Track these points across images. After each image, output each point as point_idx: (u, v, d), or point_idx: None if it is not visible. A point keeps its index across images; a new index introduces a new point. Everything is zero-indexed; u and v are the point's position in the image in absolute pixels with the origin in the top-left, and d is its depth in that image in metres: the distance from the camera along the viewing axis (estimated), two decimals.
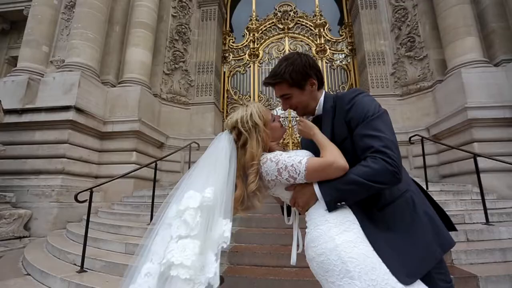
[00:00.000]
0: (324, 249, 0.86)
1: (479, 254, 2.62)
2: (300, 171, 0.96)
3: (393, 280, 0.80)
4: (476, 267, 2.48)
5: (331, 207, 0.93)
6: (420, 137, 5.27)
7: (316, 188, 0.96)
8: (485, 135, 5.38)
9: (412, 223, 0.94)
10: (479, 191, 3.71)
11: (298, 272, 2.38)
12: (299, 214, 1.13)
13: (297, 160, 0.98)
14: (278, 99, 7.93)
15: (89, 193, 3.18)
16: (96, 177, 6.10)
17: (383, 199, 0.97)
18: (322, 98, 1.14)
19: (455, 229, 1.07)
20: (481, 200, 3.53)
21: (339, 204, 0.94)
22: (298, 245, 1.11)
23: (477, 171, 3.80)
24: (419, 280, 0.85)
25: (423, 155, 5.23)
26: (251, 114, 1.07)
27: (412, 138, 5.64)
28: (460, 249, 2.64)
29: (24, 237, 4.84)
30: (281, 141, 1.26)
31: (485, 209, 3.40)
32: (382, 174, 0.90)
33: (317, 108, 1.15)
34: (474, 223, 3.42)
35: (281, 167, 0.98)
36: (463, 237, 2.99)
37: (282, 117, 8.65)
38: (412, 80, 7.39)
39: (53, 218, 5.05)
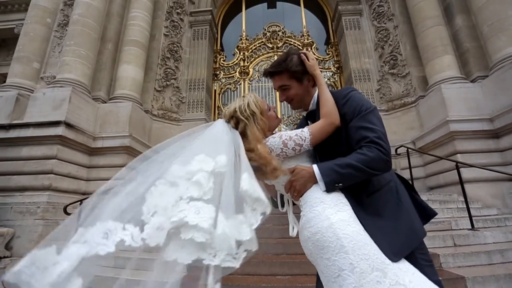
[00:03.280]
0: (320, 228, 0.92)
1: (466, 257, 2.70)
2: (305, 137, 1.05)
3: (382, 255, 0.88)
4: (464, 269, 2.55)
5: (329, 188, 1.00)
6: (406, 148, 5.45)
7: (316, 170, 1.02)
8: (467, 147, 5.62)
9: (396, 209, 1.02)
10: (464, 199, 3.84)
11: (290, 279, 2.39)
12: (293, 203, 1.18)
13: (298, 130, 1.07)
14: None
15: (77, 206, 3.12)
16: (84, 193, 5.95)
17: (371, 187, 1.06)
18: (316, 94, 1.23)
19: (435, 213, 1.17)
20: (466, 208, 3.65)
21: (336, 185, 1.01)
22: (293, 227, 1.15)
23: (460, 180, 3.95)
24: (403, 258, 0.91)
25: (409, 165, 5.39)
26: (248, 103, 1.13)
27: (398, 150, 5.83)
28: (448, 253, 2.72)
29: (5, 257, 4.61)
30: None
31: (470, 216, 3.52)
32: (377, 162, 1.00)
33: (311, 103, 1.23)
34: (460, 229, 3.53)
35: (286, 139, 1.06)
36: (450, 242, 3.07)
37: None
38: (397, 96, 7.73)
39: (37, 236, 4.84)
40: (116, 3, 7.72)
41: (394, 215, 1.00)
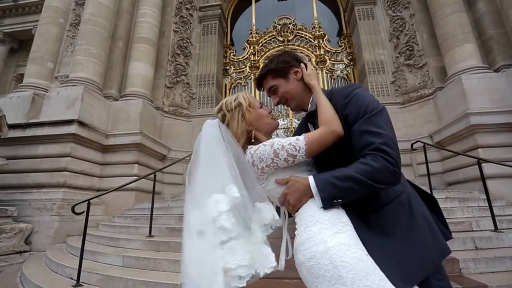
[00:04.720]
0: (314, 253, 0.80)
1: (489, 263, 2.51)
2: (300, 147, 0.93)
3: (389, 286, 0.74)
4: (486, 276, 2.37)
5: (327, 204, 0.87)
6: (422, 143, 5.19)
7: (312, 182, 0.90)
8: (489, 141, 5.30)
9: (408, 226, 0.88)
10: (486, 197, 3.60)
11: (297, 284, 2.30)
12: (289, 216, 1.06)
13: (293, 138, 0.95)
14: (284, 110, 7.79)
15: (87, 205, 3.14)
16: (98, 190, 6.08)
17: (378, 201, 0.91)
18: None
19: (450, 237, 1.00)
20: (488, 207, 3.43)
21: (335, 201, 0.87)
22: (287, 251, 1.00)
23: (482, 177, 3.71)
24: (416, 286, 0.79)
25: (426, 162, 5.13)
26: (237, 97, 1.11)
27: (414, 145, 5.58)
28: (469, 257, 2.54)
29: (24, 251, 4.80)
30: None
31: (493, 216, 3.29)
32: (383, 174, 0.85)
33: (310, 102, 1.11)
34: (482, 230, 3.31)
35: (278, 148, 0.94)
36: (471, 245, 2.88)
37: (284, 128, 8.66)
38: (413, 88, 7.39)
39: (53, 232, 5.01)
40: (125, 0, 7.73)
41: (405, 234, 0.86)
